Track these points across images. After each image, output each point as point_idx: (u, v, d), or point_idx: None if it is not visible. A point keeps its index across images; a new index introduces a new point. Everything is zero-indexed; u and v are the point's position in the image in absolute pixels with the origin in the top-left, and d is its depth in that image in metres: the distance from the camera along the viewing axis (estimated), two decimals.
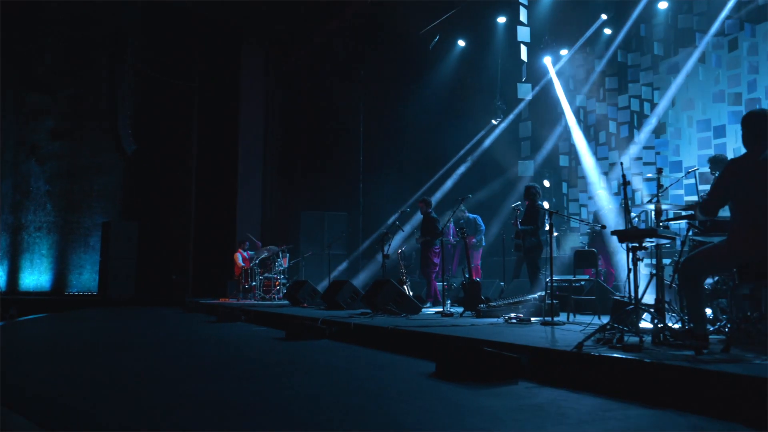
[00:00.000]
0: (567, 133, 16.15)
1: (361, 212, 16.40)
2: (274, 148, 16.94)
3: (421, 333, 5.33)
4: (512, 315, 6.66)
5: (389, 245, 9.73)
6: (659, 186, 4.24)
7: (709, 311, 4.47)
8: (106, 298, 14.73)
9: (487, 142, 15.56)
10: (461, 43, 15.97)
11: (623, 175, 4.61)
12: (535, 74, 14.88)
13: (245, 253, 14.03)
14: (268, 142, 16.80)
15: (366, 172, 16.35)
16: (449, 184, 15.18)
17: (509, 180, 14.87)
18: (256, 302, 12.45)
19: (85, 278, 16.49)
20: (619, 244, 9.84)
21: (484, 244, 12.01)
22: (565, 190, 16.10)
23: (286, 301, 11.72)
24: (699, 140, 14.00)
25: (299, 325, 6.89)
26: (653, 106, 15.13)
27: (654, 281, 4.42)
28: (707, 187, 12.42)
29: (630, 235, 3.80)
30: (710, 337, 3.88)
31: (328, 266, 11.55)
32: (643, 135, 15.06)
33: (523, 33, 13.69)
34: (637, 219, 7.52)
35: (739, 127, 13.15)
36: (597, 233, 8.98)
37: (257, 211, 16.38)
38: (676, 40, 14.43)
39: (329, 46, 16.29)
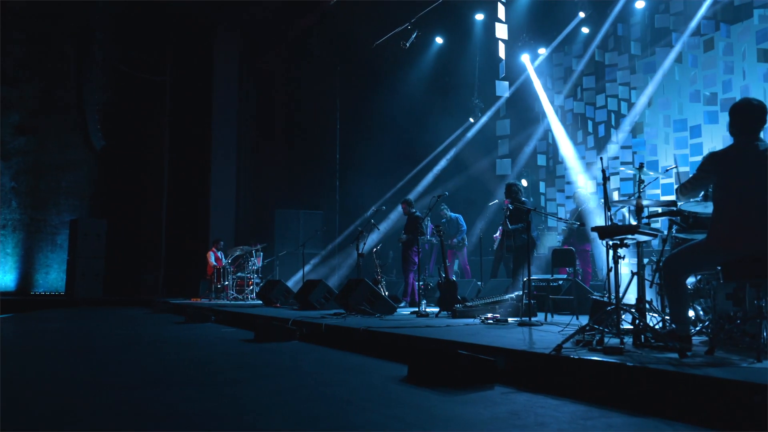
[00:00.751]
0: (544, 132, 16.09)
1: (338, 210, 16.16)
2: (248, 145, 16.61)
3: (393, 334, 5.12)
4: (489, 315, 6.48)
5: (364, 244, 9.51)
6: (640, 181, 4.07)
7: (691, 312, 4.33)
8: (74, 298, 14.29)
9: (465, 140, 15.40)
10: (439, 40, 15.80)
11: (603, 170, 4.44)
12: (513, 72, 14.77)
13: (218, 252, 13.69)
14: (242, 139, 16.46)
15: (342, 170, 16.13)
16: (426, 182, 15.01)
17: (487, 178, 14.74)
18: (227, 302, 12.14)
19: (52, 278, 16.00)
20: (599, 243, 9.75)
21: (467, 243, 11.85)
22: (542, 189, 16.04)
23: (259, 301, 11.43)
24: (676, 140, 14.01)
25: (269, 326, 6.63)
26: (630, 105, 15.13)
27: (635, 280, 4.26)
28: None
29: (611, 231, 3.63)
30: (693, 338, 3.73)
31: (303, 265, 11.28)
32: (620, 134, 15.05)
33: (501, 30, 13.56)
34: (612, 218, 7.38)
35: (714, 126, 13.13)
36: (574, 231, 8.85)
37: (231, 208, 16.04)
38: (653, 39, 14.44)
39: (305, 42, 15.99)
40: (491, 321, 6.21)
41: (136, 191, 16.07)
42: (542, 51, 15.46)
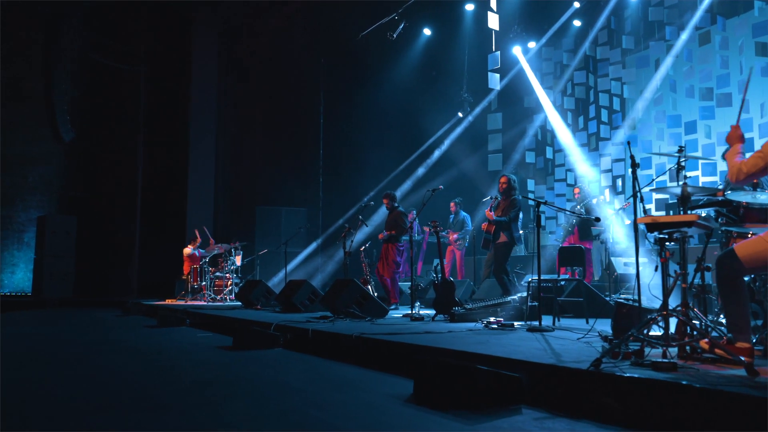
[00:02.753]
0: (538, 126, 15.61)
1: (321, 208, 15.52)
2: (228, 139, 15.88)
3: (391, 343, 4.51)
4: (492, 319, 5.90)
5: (351, 241, 8.89)
6: (680, 167, 3.52)
7: None
8: (41, 298, 13.49)
9: (455, 134, 14.85)
10: (427, 31, 15.23)
11: (632, 157, 3.88)
12: (504, 65, 14.24)
13: (196, 251, 12.97)
14: (222, 133, 15.73)
15: (326, 166, 15.47)
16: (415, 177, 14.42)
17: (477, 174, 14.18)
18: (204, 304, 11.44)
19: (18, 277, 15.13)
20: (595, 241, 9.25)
21: (467, 244, 11.35)
22: (531, 187, 15.56)
23: (239, 303, 10.76)
24: (670, 136, 13.61)
25: (249, 331, 5.98)
26: (623, 100, 14.74)
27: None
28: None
29: (666, 223, 3.05)
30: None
31: (285, 265, 10.62)
32: (612, 130, 14.65)
33: (493, 20, 13.05)
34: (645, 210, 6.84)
35: (710, 122, 12.63)
36: (575, 228, 8.33)
37: (209, 205, 15.30)
38: (646, 33, 14.04)
39: (287, 33, 15.31)
40: (495, 326, 5.63)
41: (108, 186, 15.27)
42: (532, 45, 14.99)
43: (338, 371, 4.46)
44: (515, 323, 5.72)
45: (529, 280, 6.58)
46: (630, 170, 3.85)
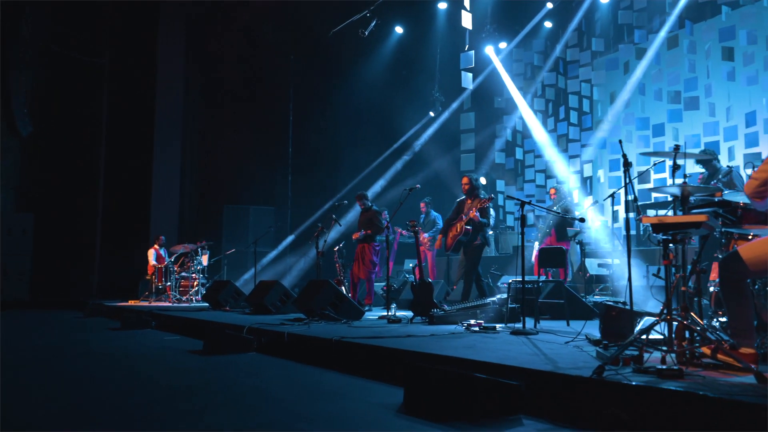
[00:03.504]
0: (503, 128, 15.61)
1: (290, 207, 15.23)
2: (195, 136, 15.45)
3: (374, 347, 4.33)
4: (472, 322, 5.77)
5: (325, 241, 8.67)
6: (676, 167, 3.42)
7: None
8: None
9: (427, 133, 14.73)
10: (399, 29, 15.08)
11: (624, 155, 3.78)
12: (476, 65, 14.19)
13: (160, 250, 12.55)
14: (188, 129, 15.30)
15: (296, 164, 15.19)
16: (388, 176, 14.25)
17: (450, 174, 14.10)
18: (170, 305, 11.06)
19: None
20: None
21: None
22: (501, 187, 15.55)
23: (206, 304, 10.43)
24: (638, 138, 13.75)
25: (221, 334, 5.72)
26: (592, 102, 14.85)
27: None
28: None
29: (674, 224, 2.93)
30: None
31: (255, 265, 10.34)
32: (581, 132, 14.74)
33: (467, 19, 12.98)
34: (639, 209, 6.78)
35: (677, 125, 12.79)
36: (552, 229, 8.27)
37: (174, 203, 14.86)
38: (616, 36, 14.17)
39: (257, 29, 14.96)
40: (477, 328, 5.50)
41: (69, 183, 14.68)
42: (503, 45, 14.98)
43: (319, 378, 4.26)
44: (497, 326, 5.59)
45: (510, 281, 6.48)
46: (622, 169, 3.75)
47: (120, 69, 14.90)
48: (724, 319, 3.64)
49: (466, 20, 12.92)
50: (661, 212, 11.88)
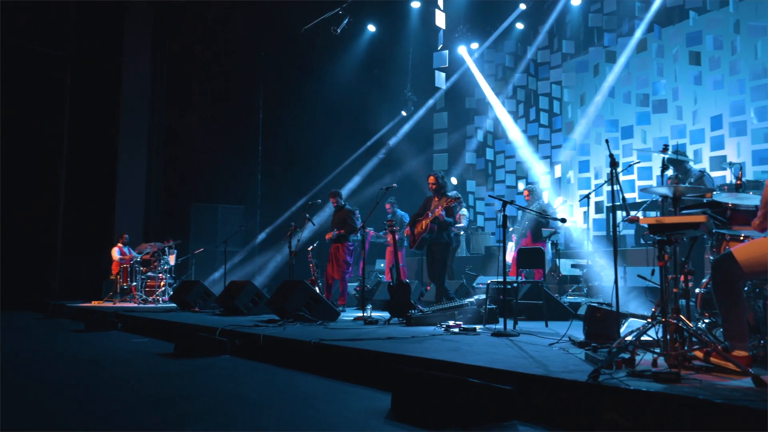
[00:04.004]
0: (472, 129, 15.63)
1: (260, 206, 14.97)
2: (162, 132, 15.05)
3: (356, 350, 4.20)
4: (451, 323, 5.69)
5: (298, 240, 8.50)
6: (665, 167, 3.39)
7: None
8: None
9: (400, 133, 14.65)
10: (371, 28, 14.96)
11: (611, 155, 3.75)
12: (449, 64, 14.16)
13: (125, 249, 12.20)
14: (155, 125, 14.90)
15: (266, 162, 14.93)
16: (360, 175, 14.11)
17: (422, 174, 14.03)
18: (136, 305, 10.75)
19: None
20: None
21: (406, 244, 11.13)
22: (471, 188, 15.58)
23: (174, 305, 10.15)
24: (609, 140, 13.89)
25: (193, 336, 5.53)
26: (562, 104, 14.97)
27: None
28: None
29: (672, 225, 2.87)
30: None
31: (225, 265, 10.10)
32: (552, 133, 14.85)
33: (440, 18, 12.95)
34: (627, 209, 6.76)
35: (646, 127, 12.97)
36: (527, 230, 8.26)
37: (140, 201, 14.46)
38: (586, 38, 14.32)
39: (227, 24, 14.66)
40: (456, 330, 5.42)
41: (28, 179, 14.15)
42: (474, 46, 15.00)
43: (299, 382, 4.12)
44: (477, 327, 5.53)
45: (488, 282, 6.43)
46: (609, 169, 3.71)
47: (83, 63, 14.44)
48: (708, 321, 3.63)
49: (440, 20, 12.89)
50: (634, 212, 12.00)
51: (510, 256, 9.83)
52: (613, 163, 3.71)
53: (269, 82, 15.01)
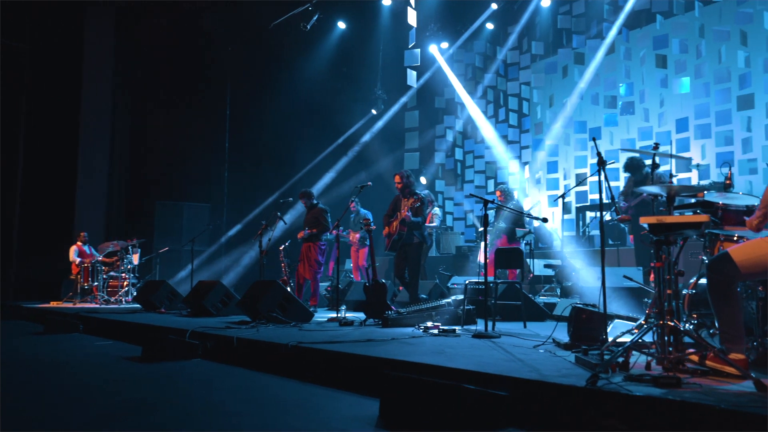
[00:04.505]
0: (443, 129, 15.60)
1: (226, 204, 14.64)
2: (125, 127, 14.58)
3: (339, 354, 4.05)
4: (429, 324, 5.58)
5: (269, 240, 8.29)
6: (654, 165, 3.34)
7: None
8: None
9: (371, 131, 14.51)
10: (342, 25, 14.79)
11: (599, 154, 3.69)
12: (420, 63, 14.08)
13: (84, 247, 11.77)
14: (118, 120, 14.42)
15: (232, 159, 14.60)
16: (330, 174, 13.92)
17: (393, 173, 13.93)
18: (98, 306, 10.37)
19: None
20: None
21: (368, 242, 10.98)
22: (440, 187, 15.54)
23: (138, 305, 9.82)
24: (576, 141, 14.03)
25: (162, 339, 5.30)
26: (531, 104, 15.05)
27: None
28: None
29: (674, 224, 2.79)
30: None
31: (192, 264, 9.81)
32: (521, 134, 14.92)
33: (412, 17, 12.86)
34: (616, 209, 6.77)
35: (613, 129, 13.08)
36: (502, 230, 8.22)
37: (101, 198, 13.98)
38: (555, 40, 14.42)
39: (193, 18, 14.26)
40: (436, 331, 5.31)
41: None
42: (445, 45, 14.97)
43: (278, 388, 3.95)
44: (456, 329, 5.43)
45: (466, 282, 6.34)
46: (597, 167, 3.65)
47: (42, 55, 13.89)
48: (695, 322, 3.60)
49: (412, 18, 12.80)
50: (598, 212, 12.09)
51: (482, 256, 9.82)
52: (601, 162, 3.65)
53: (237, 78, 14.70)
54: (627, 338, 3.29)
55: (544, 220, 5.00)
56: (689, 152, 12.09)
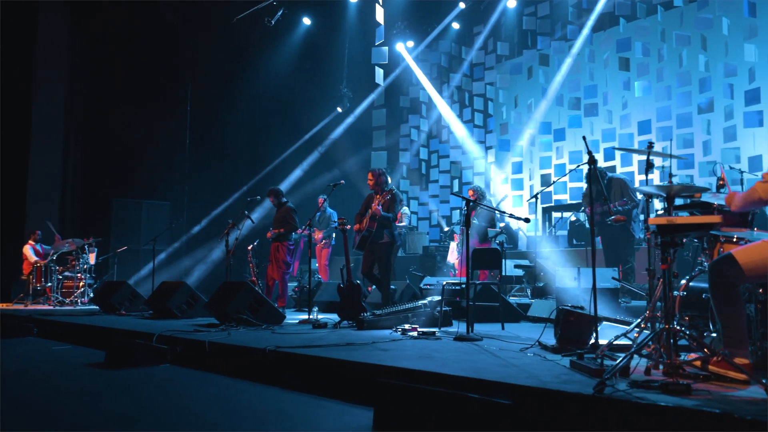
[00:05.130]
0: (407, 128, 15.51)
1: (187, 202, 14.20)
2: (80, 122, 13.98)
3: (318, 358, 3.88)
4: (407, 326, 5.45)
5: (236, 239, 8.03)
6: (649, 165, 3.29)
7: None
8: None
9: (339, 129, 14.30)
10: (307, 21, 14.54)
11: (590, 152, 3.62)
12: (387, 61, 13.93)
13: (38, 246, 11.24)
14: (72, 114, 13.83)
15: (194, 156, 14.16)
16: (296, 173, 13.66)
17: (360, 171, 13.74)
18: (53, 308, 9.89)
19: None
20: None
21: (333, 242, 10.81)
22: (405, 187, 15.45)
23: (95, 307, 9.40)
24: (540, 143, 14.13)
25: (127, 343, 5.02)
26: (496, 105, 15.11)
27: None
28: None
29: (686, 226, 2.71)
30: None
31: (153, 264, 9.45)
32: (486, 134, 14.97)
33: (380, 14, 12.72)
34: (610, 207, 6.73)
35: (576, 130, 13.21)
36: (474, 230, 8.16)
37: (55, 194, 13.38)
38: (520, 41, 14.49)
39: (152, 10, 13.76)
40: (414, 334, 5.19)
41: None
42: (410, 44, 14.89)
43: (258, 396, 3.74)
44: (435, 331, 5.31)
45: (443, 283, 6.23)
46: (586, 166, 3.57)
47: None
48: (687, 325, 3.56)
49: (379, 15, 12.66)
50: (566, 213, 12.16)
51: (452, 257, 9.74)
52: (592, 160, 3.58)
53: (199, 73, 14.25)
54: (623, 342, 3.22)
55: (526, 220, 4.92)
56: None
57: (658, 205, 6.08)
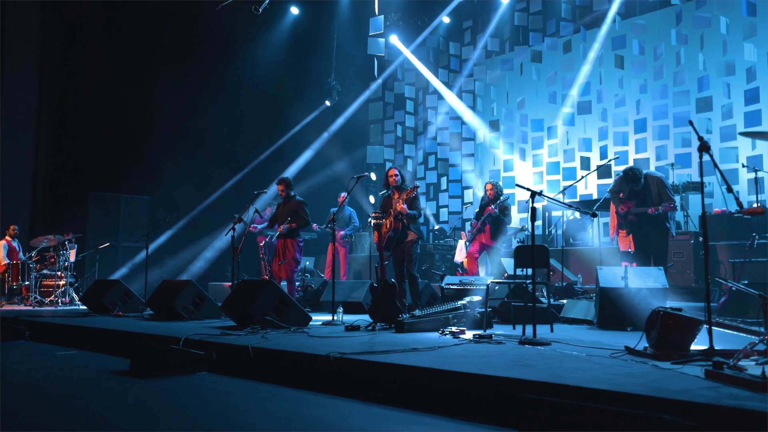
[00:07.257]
0: (394, 125, 15.16)
1: (168, 197, 13.46)
2: (54, 113, 13.08)
3: (399, 368, 3.46)
4: (455, 330, 5.08)
5: (243, 236, 7.50)
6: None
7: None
8: None
9: (329, 123, 13.83)
10: (294, 10, 14.02)
11: (700, 138, 3.32)
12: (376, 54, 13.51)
13: (14, 243, 10.45)
14: (46, 104, 12.93)
15: (177, 149, 13.40)
16: (294, 168, 13.12)
17: (353, 168, 13.31)
18: (32, 309, 9.15)
19: None
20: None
21: (352, 240, 10.41)
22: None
23: (83, 307, 8.73)
24: (533, 140, 13.97)
25: (164, 349, 4.48)
26: (488, 101, 14.91)
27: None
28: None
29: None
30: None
31: (146, 262, 8.81)
32: (476, 131, 14.73)
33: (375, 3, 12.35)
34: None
35: (569, 128, 13.09)
36: (489, 224, 7.86)
37: (26, 189, 12.51)
38: (512, 36, 14.31)
39: None
40: (469, 337, 4.81)
41: None
42: (394, 38, 14.49)
43: (328, 410, 3.29)
44: (492, 334, 4.95)
45: (488, 282, 5.87)
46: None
47: None
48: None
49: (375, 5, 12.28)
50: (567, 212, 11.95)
51: (460, 255, 9.39)
52: (705, 147, 3.29)
53: (180, 62, 13.53)
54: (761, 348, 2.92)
55: (594, 214, 4.61)
56: (646, 153, 12.23)
57: None
